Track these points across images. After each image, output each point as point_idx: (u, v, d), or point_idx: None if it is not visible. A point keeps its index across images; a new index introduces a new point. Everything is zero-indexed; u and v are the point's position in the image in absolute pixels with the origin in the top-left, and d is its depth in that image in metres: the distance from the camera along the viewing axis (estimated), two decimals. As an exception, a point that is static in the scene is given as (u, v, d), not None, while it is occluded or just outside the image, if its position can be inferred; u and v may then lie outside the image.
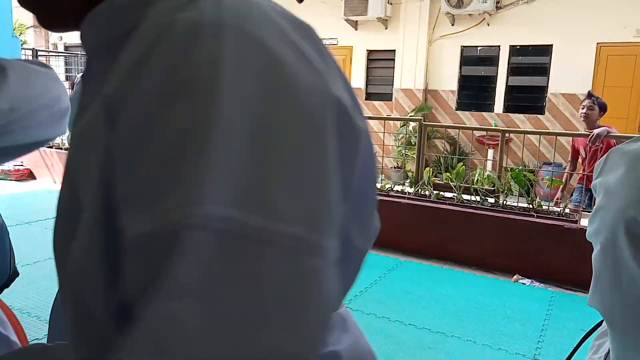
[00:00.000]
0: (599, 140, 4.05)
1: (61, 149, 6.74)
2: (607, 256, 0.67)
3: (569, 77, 7.77)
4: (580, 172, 4.48)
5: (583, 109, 4.26)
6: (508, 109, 8.42)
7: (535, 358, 2.68)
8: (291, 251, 0.31)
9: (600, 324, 0.92)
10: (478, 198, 4.37)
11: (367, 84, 9.60)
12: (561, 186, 4.50)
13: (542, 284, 3.76)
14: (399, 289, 3.51)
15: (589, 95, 4.35)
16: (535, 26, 7.94)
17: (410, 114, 8.60)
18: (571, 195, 4.51)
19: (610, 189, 0.68)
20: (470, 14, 8.20)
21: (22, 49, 7.58)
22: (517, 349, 2.77)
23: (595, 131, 4.00)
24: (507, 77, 8.36)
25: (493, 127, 7.37)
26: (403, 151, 8.01)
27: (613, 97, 7.41)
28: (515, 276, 3.87)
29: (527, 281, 3.80)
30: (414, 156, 5.33)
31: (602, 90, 7.53)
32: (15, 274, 1.19)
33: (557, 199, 4.47)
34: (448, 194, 4.53)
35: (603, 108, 4.31)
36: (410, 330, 2.93)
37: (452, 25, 8.53)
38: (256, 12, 0.36)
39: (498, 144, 4.60)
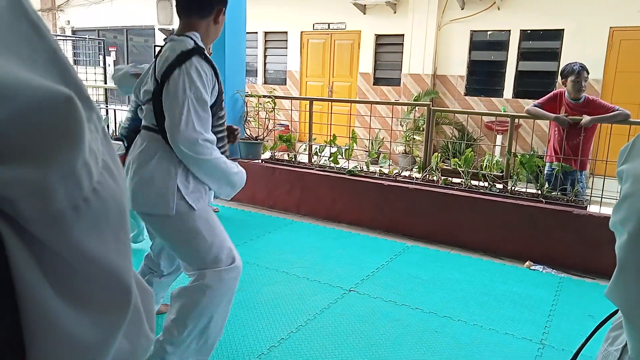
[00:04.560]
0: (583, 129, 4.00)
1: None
2: (636, 246, 0.64)
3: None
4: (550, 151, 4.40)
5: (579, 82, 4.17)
6: (518, 94, 8.34)
7: (542, 343, 2.69)
8: None
9: (613, 314, 0.89)
10: (486, 184, 4.35)
11: (375, 69, 9.53)
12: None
13: (550, 270, 3.76)
14: (406, 274, 3.53)
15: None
16: (546, 10, 7.82)
17: (415, 99, 8.54)
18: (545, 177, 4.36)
19: None
20: (480, -2, 8.08)
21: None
22: (524, 333, 2.78)
23: (584, 121, 3.97)
24: (517, 62, 8.26)
25: (502, 113, 7.30)
26: (410, 136, 7.97)
27: (626, 82, 7.32)
28: (527, 262, 3.86)
29: (539, 267, 3.80)
30: (422, 140, 5.30)
31: (615, 76, 7.43)
32: None
33: None
34: (456, 180, 4.52)
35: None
36: (417, 314, 2.94)
37: (462, 9, 8.42)
38: None
39: (507, 129, 4.56)
